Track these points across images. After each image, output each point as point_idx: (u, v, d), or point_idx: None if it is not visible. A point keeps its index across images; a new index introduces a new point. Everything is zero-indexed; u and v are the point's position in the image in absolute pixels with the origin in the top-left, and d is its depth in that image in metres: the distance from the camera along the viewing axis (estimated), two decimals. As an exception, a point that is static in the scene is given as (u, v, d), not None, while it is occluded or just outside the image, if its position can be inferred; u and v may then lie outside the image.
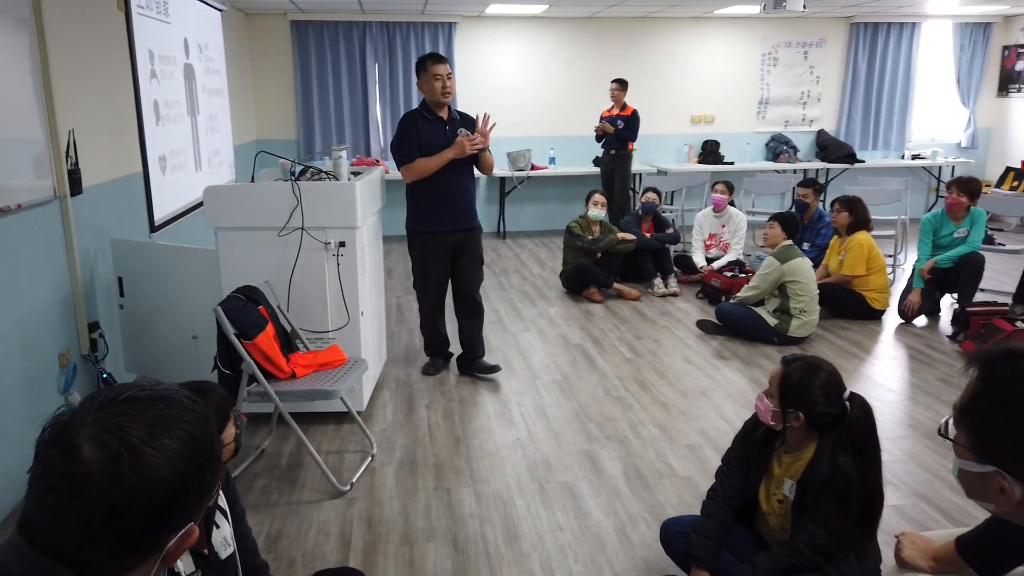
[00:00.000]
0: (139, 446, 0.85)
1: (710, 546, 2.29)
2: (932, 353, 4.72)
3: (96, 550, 0.84)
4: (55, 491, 0.83)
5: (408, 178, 4.04)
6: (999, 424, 1.05)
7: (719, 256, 6.38)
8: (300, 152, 8.37)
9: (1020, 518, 1.09)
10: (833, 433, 2.13)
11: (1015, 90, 9.09)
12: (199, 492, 0.91)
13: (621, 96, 7.49)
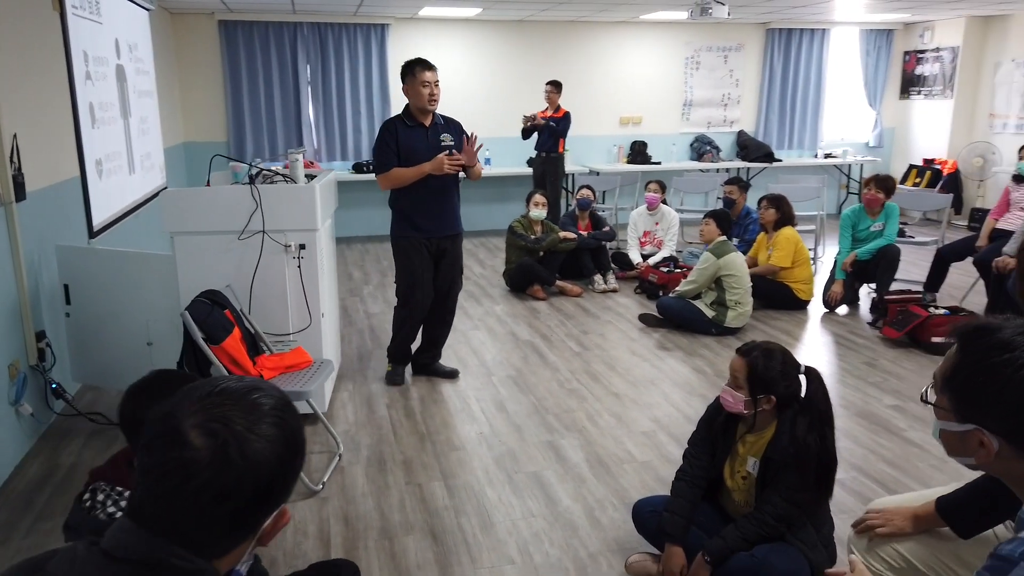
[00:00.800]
0: (243, 433, 0.92)
1: (681, 523, 2.45)
2: (855, 339, 5.08)
3: (208, 532, 0.90)
4: (167, 478, 0.89)
5: (384, 186, 4.00)
6: (978, 388, 1.21)
7: (654, 253, 6.64)
8: (230, 154, 8.20)
9: (994, 469, 1.26)
10: (791, 409, 2.33)
11: (916, 93, 9.76)
12: (293, 474, 0.99)
13: (555, 98, 7.67)
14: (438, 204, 4.03)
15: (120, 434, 3.53)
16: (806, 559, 2.27)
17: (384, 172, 3.95)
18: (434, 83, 3.90)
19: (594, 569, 2.61)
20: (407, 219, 4.04)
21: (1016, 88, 8.60)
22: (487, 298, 6.11)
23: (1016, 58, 8.59)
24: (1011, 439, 1.19)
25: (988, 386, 1.19)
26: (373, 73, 8.43)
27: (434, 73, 3.92)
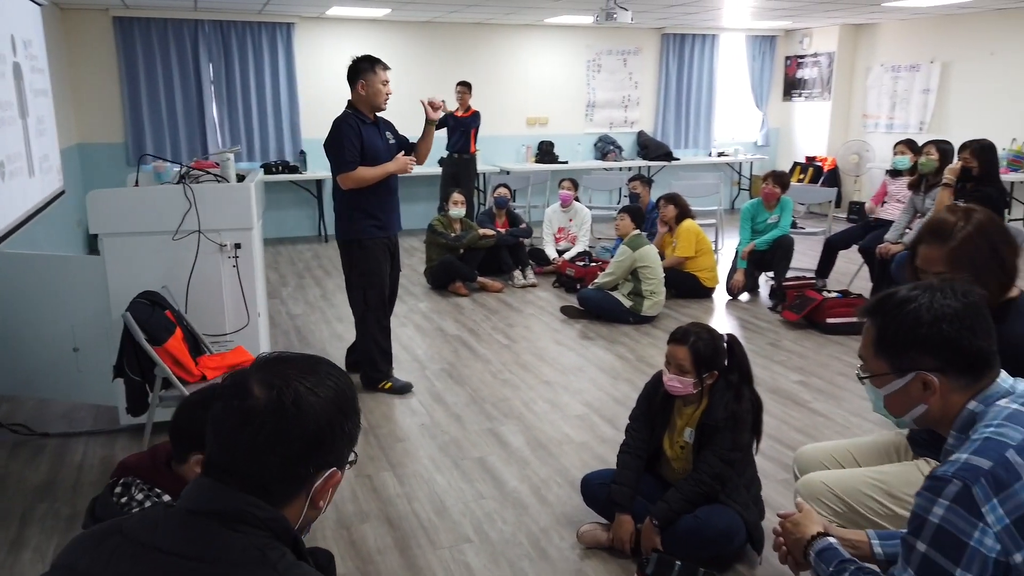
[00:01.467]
0: (299, 388, 1.03)
1: (628, 492, 2.65)
2: (758, 322, 5.48)
3: (266, 477, 1.00)
4: (231, 423, 1.00)
5: (347, 185, 3.83)
6: (904, 337, 1.42)
7: (568, 248, 6.90)
8: (129, 156, 7.87)
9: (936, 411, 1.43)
10: (721, 378, 2.58)
11: (797, 95, 10.51)
12: (343, 436, 1.09)
13: (467, 98, 7.79)
14: (394, 201, 4.03)
15: (48, 444, 3.42)
16: (741, 518, 2.52)
17: (349, 171, 3.80)
18: (388, 82, 3.89)
19: (546, 542, 2.77)
20: (371, 218, 3.92)
21: (885, 90, 9.43)
22: (410, 296, 6.17)
23: (884, 63, 9.42)
24: (947, 370, 1.39)
25: (911, 332, 1.40)
26: (280, 73, 8.30)
27: (388, 71, 3.91)
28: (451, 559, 2.66)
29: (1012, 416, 1.33)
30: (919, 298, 1.41)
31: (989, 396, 1.39)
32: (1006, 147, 7.96)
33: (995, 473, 1.25)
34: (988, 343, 1.40)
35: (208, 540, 0.95)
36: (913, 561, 1.30)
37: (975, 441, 1.32)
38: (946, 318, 1.38)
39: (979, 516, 1.23)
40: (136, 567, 0.95)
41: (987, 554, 1.22)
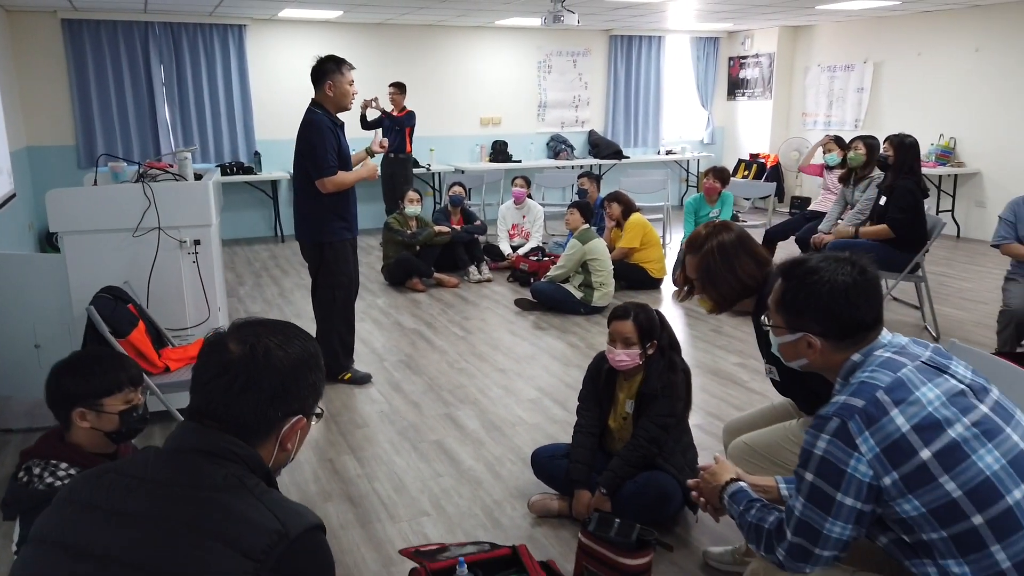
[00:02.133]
0: (268, 343, 1.20)
1: (584, 469, 2.84)
2: (701, 311, 5.73)
3: (238, 415, 1.17)
4: (210, 373, 1.18)
5: (328, 189, 3.82)
6: (800, 303, 1.62)
7: (522, 244, 7.10)
8: (80, 159, 7.83)
9: (817, 364, 1.65)
10: (657, 349, 2.80)
11: (740, 94, 10.89)
12: (308, 387, 1.26)
13: (400, 99, 7.93)
14: (355, 202, 4.09)
15: (12, 439, 3.49)
16: (677, 481, 2.74)
17: (332, 175, 3.80)
18: (353, 82, 3.91)
19: (500, 512, 2.95)
20: (340, 220, 3.95)
21: (823, 89, 9.85)
22: (368, 292, 6.30)
23: (821, 63, 9.84)
24: (827, 336, 1.60)
25: (807, 300, 1.61)
26: (232, 74, 8.33)
27: (353, 73, 3.93)
28: (410, 531, 2.82)
29: (885, 363, 1.52)
30: (822, 271, 1.59)
31: (869, 349, 1.59)
32: (934, 143, 8.42)
33: (867, 411, 1.45)
34: (871, 314, 1.59)
35: (194, 471, 1.11)
36: (803, 490, 1.49)
37: (852, 385, 1.52)
38: (838, 293, 1.57)
39: (854, 447, 1.43)
40: (132, 494, 1.10)
41: (861, 479, 1.42)
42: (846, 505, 1.43)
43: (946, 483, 1.39)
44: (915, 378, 1.48)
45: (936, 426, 1.43)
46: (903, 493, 1.41)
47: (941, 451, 1.41)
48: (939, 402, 1.45)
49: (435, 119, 9.36)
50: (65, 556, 1.06)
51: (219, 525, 1.05)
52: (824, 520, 1.45)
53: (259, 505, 1.10)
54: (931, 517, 1.40)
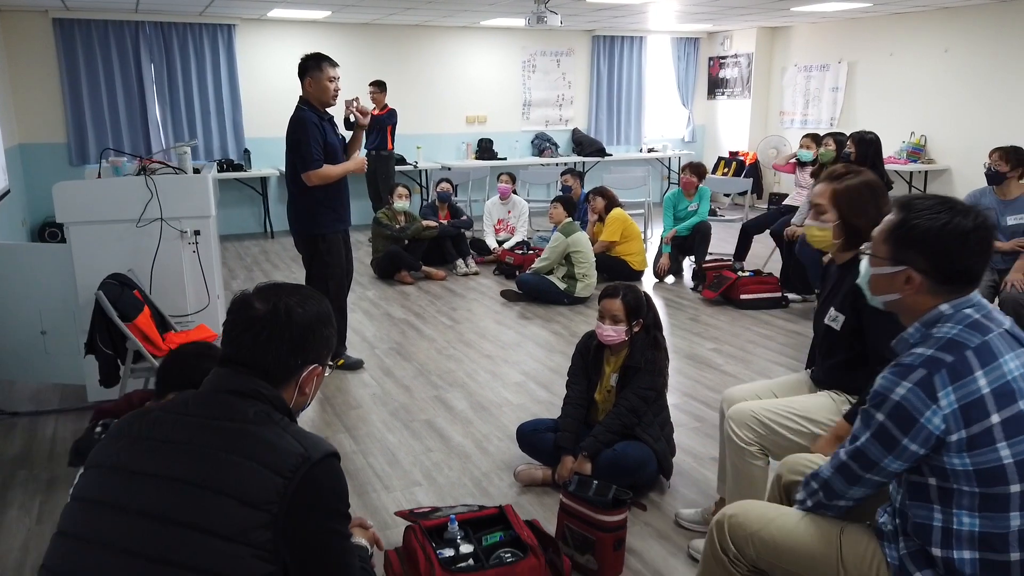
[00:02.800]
0: (288, 302, 1.40)
1: (571, 437, 3.04)
2: (681, 301, 5.99)
3: (264, 362, 1.37)
4: (238, 326, 1.38)
5: (312, 183, 3.95)
6: (917, 236, 1.57)
7: (508, 238, 7.30)
8: (71, 156, 7.95)
9: (907, 302, 1.62)
10: (643, 328, 3.02)
11: (720, 94, 11.16)
12: (322, 340, 1.45)
13: (380, 97, 8.09)
14: (347, 195, 4.22)
15: (19, 423, 3.65)
16: (652, 449, 2.95)
17: (316, 168, 3.93)
18: (337, 79, 4.04)
19: (487, 483, 3.15)
20: (332, 212, 4.07)
21: (799, 89, 10.12)
22: (358, 285, 6.47)
23: (798, 63, 10.11)
24: (930, 275, 1.57)
25: (924, 234, 1.57)
26: (222, 73, 8.48)
27: (337, 69, 4.06)
28: (403, 499, 3.02)
29: (974, 324, 1.54)
30: (946, 212, 1.56)
31: (960, 303, 1.58)
32: (905, 140, 8.71)
33: (955, 367, 1.48)
34: (980, 266, 1.58)
35: (229, 407, 1.31)
36: (871, 427, 1.54)
37: (940, 339, 1.53)
38: (955, 234, 1.54)
39: (935, 399, 1.46)
40: (176, 427, 1.29)
41: (932, 430, 1.46)
42: (910, 449, 1.49)
43: (1002, 449, 1.45)
44: (1001, 345, 1.52)
45: (1011, 394, 1.47)
46: (962, 450, 1.47)
47: (1009, 419, 1.46)
48: (1019, 372, 1.50)
49: (422, 117, 9.55)
50: (122, 476, 1.25)
51: (253, 449, 1.24)
52: (884, 456, 1.53)
53: (285, 435, 1.29)
54: (974, 475, 1.46)
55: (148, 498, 1.21)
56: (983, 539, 1.48)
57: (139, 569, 1.16)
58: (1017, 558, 1.47)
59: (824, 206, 2.39)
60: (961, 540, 1.50)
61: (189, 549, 1.16)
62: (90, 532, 1.21)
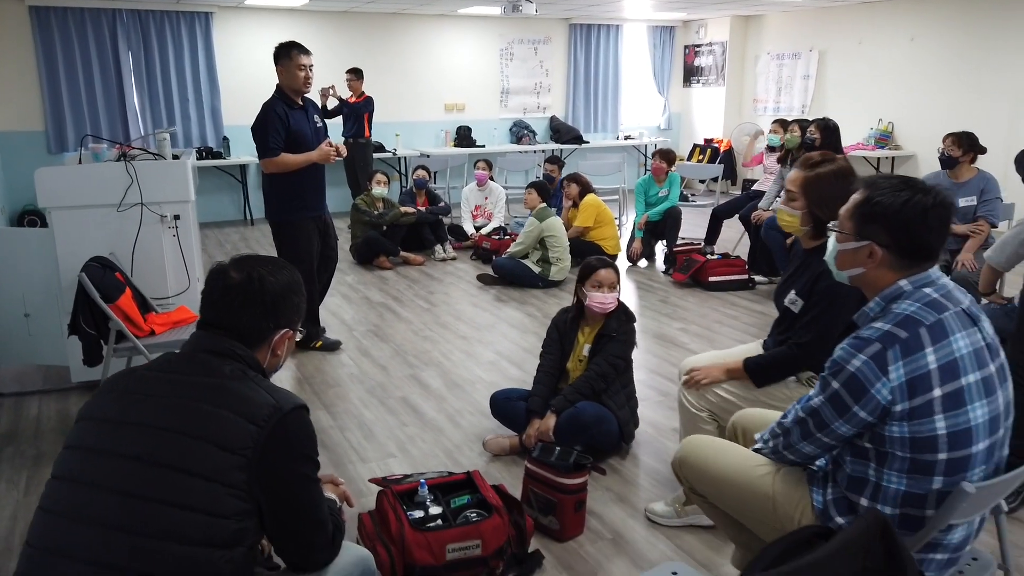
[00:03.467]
0: (261, 271, 1.54)
1: (541, 402, 3.20)
2: (652, 284, 6.16)
3: (239, 325, 1.50)
4: (215, 293, 1.51)
5: (268, 170, 4.08)
6: (880, 212, 1.64)
7: (485, 224, 7.44)
8: (50, 144, 7.98)
9: (872, 280, 1.70)
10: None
11: (695, 81, 11.32)
12: (293, 307, 1.59)
13: (357, 85, 8.18)
14: (320, 183, 4.31)
15: (3, 403, 3.74)
16: (613, 413, 3.12)
17: (272, 157, 4.03)
18: (309, 67, 4.11)
19: (459, 454, 3.31)
20: (297, 198, 4.16)
21: (772, 77, 10.31)
22: (337, 270, 6.53)
23: (771, 51, 10.29)
24: (892, 250, 1.65)
25: (886, 210, 1.65)
26: (200, 61, 8.51)
27: (310, 57, 4.13)
28: (378, 469, 3.16)
29: (932, 303, 1.63)
30: (907, 190, 1.65)
31: (919, 280, 1.66)
32: (873, 127, 8.93)
33: (908, 343, 1.57)
34: (938, 241, 1.66)
35: (207, 365, 1.44)
36: (827, 392, 1.65)
37: (898, 315, 1.62)
38: (915, 211, 1.61)
39: (885, 372, 1.56)
40: (159, 383, 1.43)
41: (880, 401, 1.57)
42: (859, 416, 1.60)
43: (939, 420, 1.55)
44: (955, 324, 1.60)
45: (956, 371, 1.57)
46: (903, 419, 1.56)
47: (950, 393, 1.56)
48: (967, 350, 1.59)
49: (400, 105, 9.64)
50: (111, 426, 1.39)
51: (229, 401, 1.38)
52: (835, 420, 1.64)
53: (258, 389, 1.43)
54: (909, 442, 1.57)
55: (134, 444, 1.35)
56: (906, 498, 1.62)
57: (127, 506, 1.30)
58: (932, 513, 1.62)
59: (795, 193, 2.48)
60: (887, 497, 1.64)
61: (171, 487, 1.30)
62: (83, 475, 1.35)
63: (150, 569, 1.27)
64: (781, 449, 1.82)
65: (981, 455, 1.60)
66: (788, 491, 1.82)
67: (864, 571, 1.35)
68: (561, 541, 2.65)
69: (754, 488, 1.86)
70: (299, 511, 1.44)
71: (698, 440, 2.06)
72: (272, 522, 1.41)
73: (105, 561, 1.27)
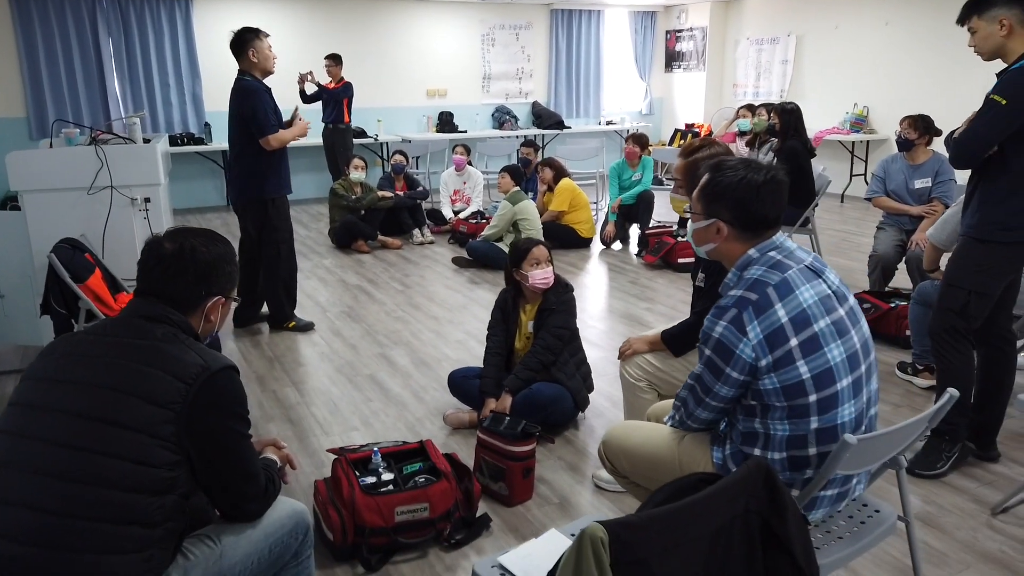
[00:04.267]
0: (195, 244, 1.64)
1: (492, 382, 3.31)
2: (624, 266, 6.28)
3: (172, 292, 1.61)
4: (149, 262, 1.61)
5: (272, 147, 4.17)
6: (719, 191, 1.83)
7: (463, 208, 7.53)
8: (31, 130, 8.03)
9: (721, 250, 1.87)
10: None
11: (677, 67, 11.39)
12: (225, 276, 1.70)
13: (337, 71, 8.23)
14: (288, 161, 4.45)
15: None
16: (566, 387, 3.24)
17: (274, 133, 4.16)
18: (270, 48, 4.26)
19: (420, 427, 3.43)
20: (278, 177, 4.31)
21: (751, 62, 10.39)
22: (315, 254, 6.69)
23: (750, 36, 10.37)
24: (734, 224, 1.83)
25: (724, 190, 1.83)
26: (180, 47, 8.55)
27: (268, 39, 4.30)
28: (340, 441, 3.28)
29: (775, 264, 1.79)
30: (740, 170, 1.83)
31: (764, 247, 1.83)
32: (848, 111, 9.03)
33: (759, 303, 1.73)
34: (774, 213, 1.83)
35: (140, 328, 1.55)
36: (703, 359, 1.82)
37: (748, 280, 1.79)
38: (749, 188, 1.80)
39: (744, 333, 1.72)
40: (95, 346, 1.53)
41: (746, 360, 1.72)
42: (732, 376, 1.75)
43: (801, 366, 1.70)
44: (798, 279, 1.76)
45: (807, 320, 1.72)
46: (770, 372, 1.71)
47: (805, 341, 1.71)
48: (812, 301, 1.74)
49: (382, 91, 9.69)
50: (50, 384, 1.49)
51: (159, 361, 1.49)
52: (715, 383, 1.79)
53: (189, 351, 1.54)
54: (781, 391, 1.72)
55: (71, 400, 1.45)
56: (790, 441, 1.77)
57: (64, 456, 1.41)
58: (814, 452, 1.76)
59: (680, 179, 2.70)
60: (775, 444, 1.79)
61: (104, 439, 1.41)
62: (24, 429, 1.46)
63: (85, 513, 1.38)
64: (684, 419, 1.96)
65: (847, 391, 1.76)
66: (692, 452, 1.94)
67: (747, 512, 1.47)
68: (510, 506, 2.77)
69: (662, 455, 1.99)
70: (229, 464, 1.55)
71: (619, 425, 2.22)
72: (203, 473, 1.53)
73: (43, 506, 1.38)
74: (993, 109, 2.63)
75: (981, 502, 2.75)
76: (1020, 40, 2.66)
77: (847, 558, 1.87)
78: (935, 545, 2.51)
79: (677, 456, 1.96)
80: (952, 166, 2.90)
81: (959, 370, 2.87)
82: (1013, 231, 2.66)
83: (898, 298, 4.39)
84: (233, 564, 1.59)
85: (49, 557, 1.37)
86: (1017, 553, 2.47)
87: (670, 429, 2.04)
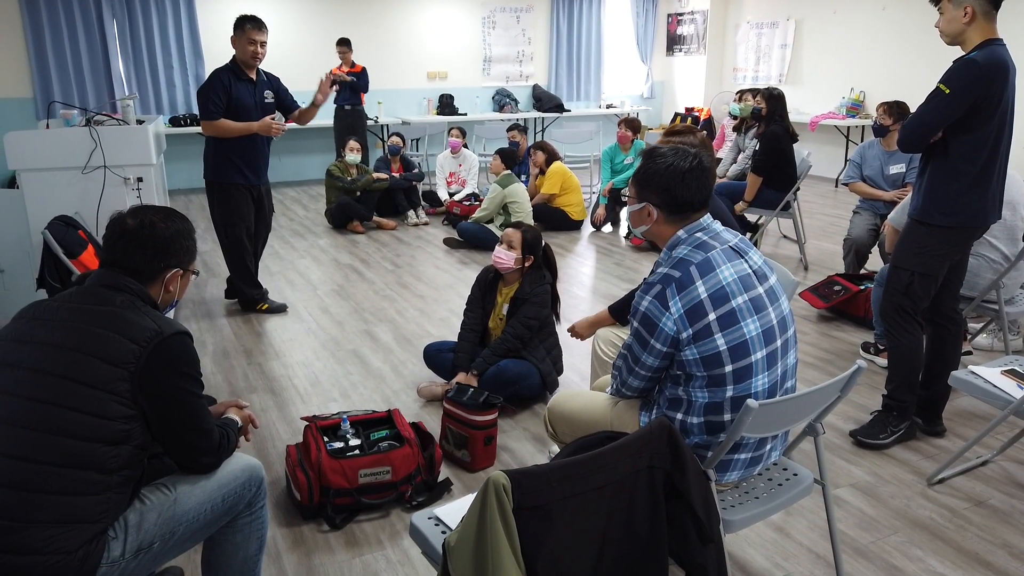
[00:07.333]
0: (155, 220, 1.79)
1: (465, 358, 3.47)
2: (612, 248, 6.40)
3: (133, 263, 1.76)
4: (112, 237, 1.76)
5: (207, 132, 4.28)
6: (647, 178, 1.96)
7: (459, 191, 7.66)
8: (38, 110, 8.21)
9: (653, 232, 2.01)
10: (533, 266, 3.43)
11: (679, 50, 11.42)
12: (183, 250, 1.85)
13: (348, 55, 8.37)
14: (259, 154, 4.43)
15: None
16: (535, 367, 3.39)
17: (211, 120, 4.22)
18: (260, 43, 4.25)
19: (395, 399, 3.59)
20: (231, 165, 4.34)
21: (751, 46, 10.41)
22: (311, 234, 6.85)
23: (750, 20, 10.38)
24: (663, 208, 1.96)
25: (653, 176, 1.96)
26: (183, 29, 8.69)
27: (263, 34, 4.28)
28: (318, 411, 3.44)
29: (700, 245, 1.92)
30: (668, 156, 1.96)
31: (693, 228, 1.96)
32: (845, 96, 9.06)
33: (681, 280, 1.86)
34: (699, 197, 1.94)
35: (101, 296, 1.70)
36: (633, 331, 1.97)
37: (674, 259, 1.92)
38: (675, 173, 1.92)
39: (666, 307, 1.86)
40: (59, 311, 1.69)
41: (668, 332, 1.86)
42: (656, 347, 1.90)
43: (719, 339, 1.83)
44: (720, 258, 1.89)
45: (725, 296, 1.85)
46: (690, 344, 1.85)
47: (723, 315, 1.84)
48: (732, 279, 1.86)
49: (383, 73, 9.78)
50: (16, 344, 1.65)
51: (116, 325, 1.65)
52: (642, 352, 1.94)
53: (145, 317, 1.69)
54: (701, 362, 1.86)
55: (33, 358, 1.61)
56: (708, 408, 1.92)
57: (28, 407, 1.57)
58: (729, 418, 1.90)
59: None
60: (695, 409, 1.93)
61: (64, 393, 1.57)
62: None
63: (48, 459, 1.54)
64: (620, 387, 2.11)
65: (761, 363, 1.89)
66: (623, 416, 2.09)
67: (651, 468, 1.61)
68: (472, 472, 2.93)
69: (597, 419, 2.14)
70: (181, 420, 1.71)
71: (562, 393, 2.39)
72: (157, 428, 1.69)
73: (8, 452, 1.55)
74: (938, 97, 2.74)
75: (920, 473, 2.88)
76: (978, 31, 2.76)
77: (763, 514, 2.01)
78: (868, 511, 2.65)
79: (610, 420, 2.11)
80: (900, 149, 3.01)
81: (908, 350, 2.99)
82: (952, 216, 2.77)
83: (869, 281, 4.50)
84: (187, 510, 1.75)
85: (21, 497, 1.54)
86: (944, 520, 2.60)
87: (606, 396, 2.19)
